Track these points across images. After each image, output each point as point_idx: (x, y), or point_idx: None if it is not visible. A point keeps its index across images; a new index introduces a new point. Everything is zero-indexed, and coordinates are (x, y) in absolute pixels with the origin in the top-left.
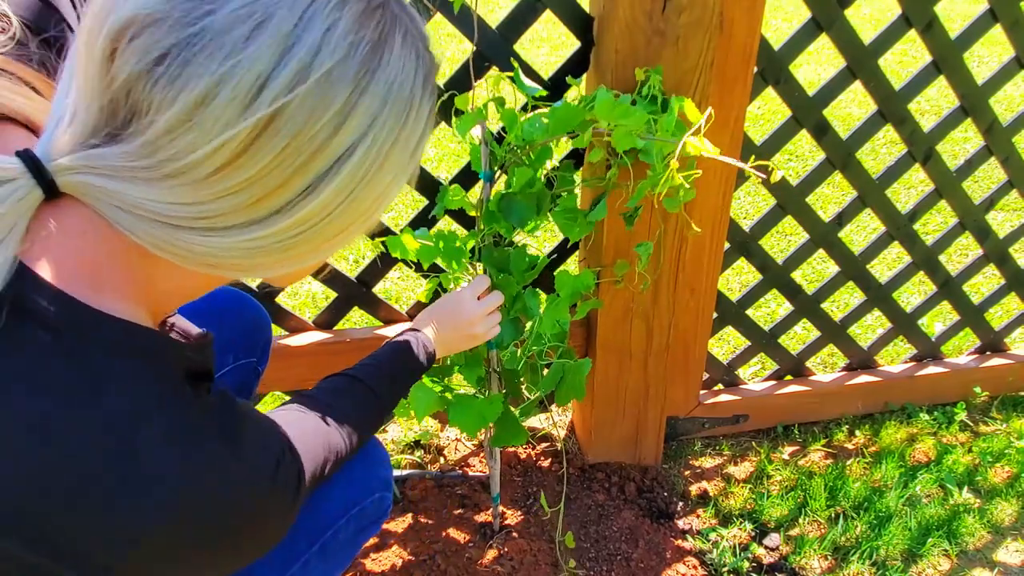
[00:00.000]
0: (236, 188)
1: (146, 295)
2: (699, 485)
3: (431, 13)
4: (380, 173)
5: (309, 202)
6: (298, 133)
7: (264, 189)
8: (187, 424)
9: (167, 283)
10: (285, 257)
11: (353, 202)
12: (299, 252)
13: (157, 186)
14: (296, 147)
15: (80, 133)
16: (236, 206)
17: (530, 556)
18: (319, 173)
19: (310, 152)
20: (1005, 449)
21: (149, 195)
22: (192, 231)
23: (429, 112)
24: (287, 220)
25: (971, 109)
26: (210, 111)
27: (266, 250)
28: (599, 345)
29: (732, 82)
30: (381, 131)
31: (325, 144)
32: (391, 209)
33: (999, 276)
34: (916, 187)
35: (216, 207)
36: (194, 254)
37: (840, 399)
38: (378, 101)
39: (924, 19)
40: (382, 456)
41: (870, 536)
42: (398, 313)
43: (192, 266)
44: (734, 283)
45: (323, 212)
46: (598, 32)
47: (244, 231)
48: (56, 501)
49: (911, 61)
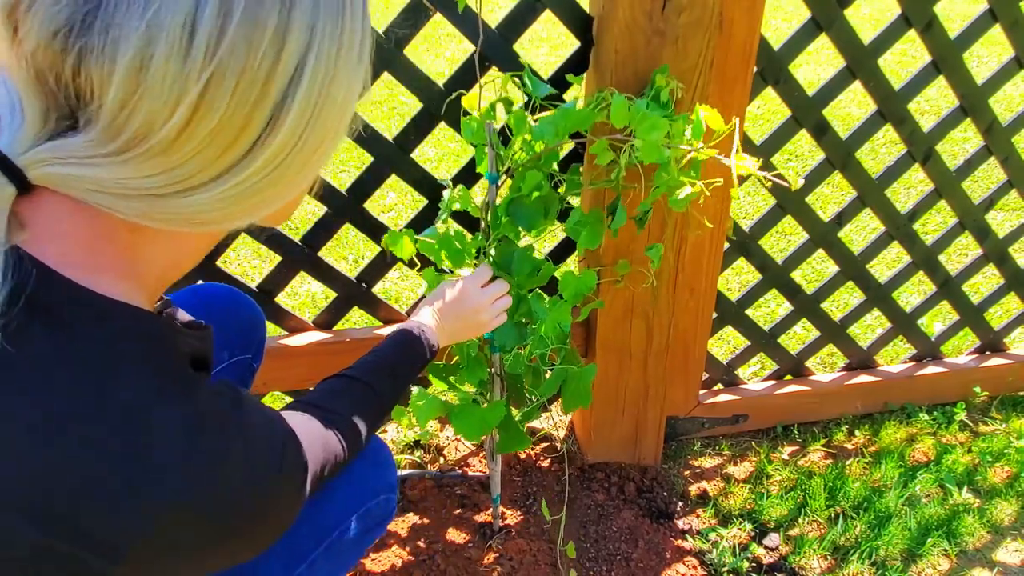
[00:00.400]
0: (203, 143)
1: (142, 272)
2: (699, 485)
3: (431, 13)
4: (336, 83)
5: (277, 132)
6: (244, 67)
7: (230, 135)
8: (196, 413)
9: (162, 253)
10: (275, 191)
11: (319, 118)
12: (286, 181)
13: (128, 165)
14: (247, 82)
15: (33, 122)
16: (208, 160)
17: (529, 556)
18: (276, 101)
19: (261, 82)
20: (1004, 449)
21: (123, 174)
22: (173, 196)
23: (363, 7)
24: (262, 157)
25: (971, 109)
26: (152, 74)
27: (253, 190)
28: (599, 345)
29: (732, 82)
30: (323, 40)
31: (273, 69)
32: (391, 208)
33: (999, 276)
34: (916, 187)
35: (189, 167)
36: (182, 216)
37: (840, 399)
38: (308, 14)
39: (924, 19)
40: (387, 458)
41: (870, 536)
42: (398, 313)
43: (185, 228)
44: (733, 283)
45: (293, 137)
46: (598, 32)
47: (223, 180)
48: (62, 500)
49: (910, 61)
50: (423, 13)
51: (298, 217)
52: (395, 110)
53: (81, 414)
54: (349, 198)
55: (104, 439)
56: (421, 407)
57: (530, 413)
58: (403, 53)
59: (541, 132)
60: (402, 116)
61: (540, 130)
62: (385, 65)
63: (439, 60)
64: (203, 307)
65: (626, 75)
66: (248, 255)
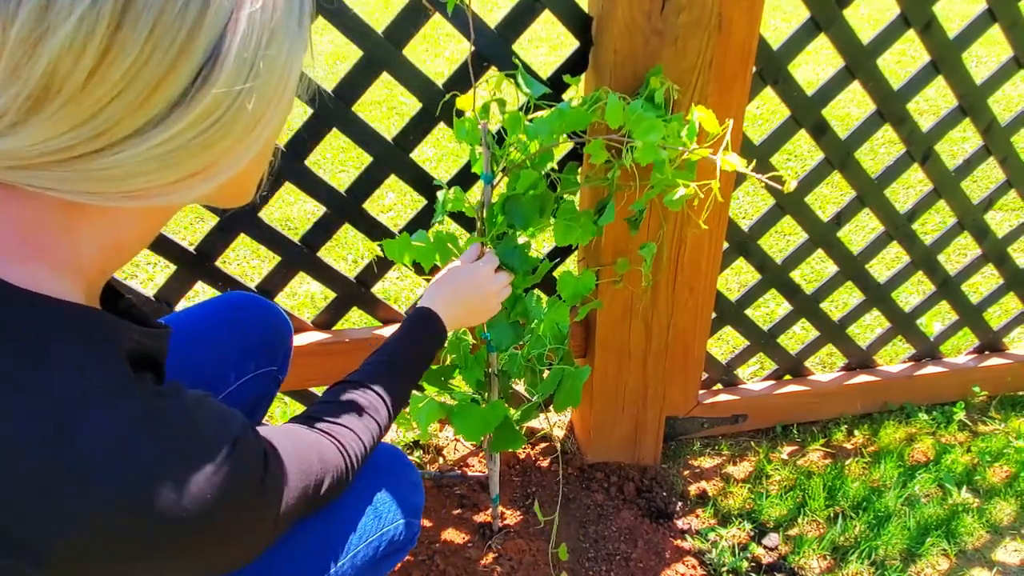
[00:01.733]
0: (117, 88)
1: (81, 259)
2: (698, 485)
3: (431, 13)
4: (274, 45)
5: (208, 88)
6: (163, 11)
7: (148, 81)
8: (128, 416)
9: (102, 235)
10: (210, 156)
11: (257, 78)
12: (225, 147)
13: (38, 124)
14: (165, 26)
15: None
16: (127, 108)
17: (529, 556)
18: (205, 54)
19: (186, 31)
20: (1004, 449)
21: (36, 138)
22: (96, 155)
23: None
24: (192, 113)
25: (970, 109)
26: (56, 9)
27: (186, 151)
28: (598, 345)
29: (731, 82)
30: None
31: (199, 20)
32: (390, 209)
33: (998, 276)
34: (915, 187)
35: (106, 116)
36: (110, 182)
37: (839, 399)
38: None
39: (923, 19)
40: (413, 480)
41: (869, 536)
42: (397, 313)
43: (118, 200)
44: (733, 283)
45: (228, 96)
46: (597, 32)
47: (147, 136)
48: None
49: (910, 61)
50: (422, 13)
51: (297, 217)
52: (394, 110)
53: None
54: (348, 198)
55: (25, 440)
56: (421, 410)
57: (528, 413)
58: (402, 53)
59: (536, 131)
60: (401, 116)
61: (535, 129)
62: (384, 65)
63: (439, 60)
64: (229, 317)
65: (625, 75)
66: (247, 255)
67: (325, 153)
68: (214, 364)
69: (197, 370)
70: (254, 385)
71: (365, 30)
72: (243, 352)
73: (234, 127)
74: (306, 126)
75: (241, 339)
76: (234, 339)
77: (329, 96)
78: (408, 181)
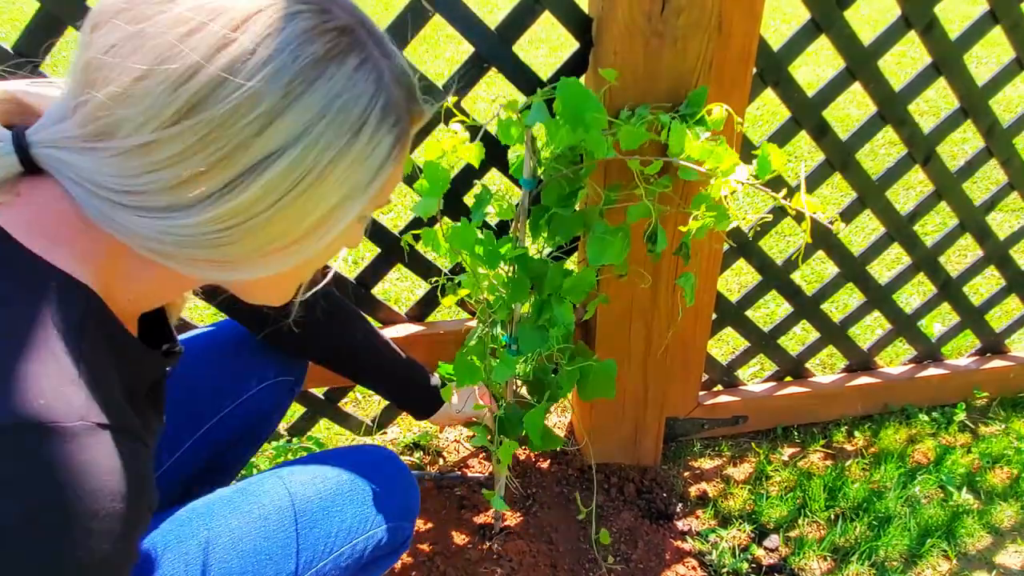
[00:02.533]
0: (159, 165)
1: (106, 275)
2: (698, 486)
3: (431, 13)
4: (318, 187)
5: (234, 197)
6: (221, 123)
7: (186, 171)
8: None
9: (131, 270)
10: (220, 255)
11: (284, 210)
12: (234, 253)
13: (95, 157)
14: (219, 136)
15: (60, 111)
16: (161, 185)
17: (529, 557)
18: (244, 169)
19: (233, 145)
20: (1005, 450)
21: (90, 166)
22: (126, 209)
23: (391, 145)
24: (212, 211)
25: (971, 110)
26: (143, 87)
27: (198, 242)
28: (598, 346)
29: (731, 83)
30: (316, 143)
31: (249, 141)
32: (390, 209)
33: (999, 278)
34: (916, 188)
35: (142, 182)
36: (134, 234)
37: (840, 400)
38: (312, 113)
39: (924, 20)
40: (407, 481)
41: (870, 537)
42: (397, 314)
43: (139, 249)
44: (733, 284)
45: (247, 212)
46: (597, 33)
47: (173, 215)
48: None
49: (910, 62)
50: (422, 14)
51: None
52: None
53: None
54: None
55: None
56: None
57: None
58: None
59: (594, 143)
60: None
61: (593, 141)
62: None
63: (439, 61)
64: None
65: (625, 76)
66: None
67: None
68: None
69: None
70: (269, 392)
71: None
72: (261, 361)
73: (248, 239)
74: None
75: (260, 347)
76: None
77: None
78: (408, 182)
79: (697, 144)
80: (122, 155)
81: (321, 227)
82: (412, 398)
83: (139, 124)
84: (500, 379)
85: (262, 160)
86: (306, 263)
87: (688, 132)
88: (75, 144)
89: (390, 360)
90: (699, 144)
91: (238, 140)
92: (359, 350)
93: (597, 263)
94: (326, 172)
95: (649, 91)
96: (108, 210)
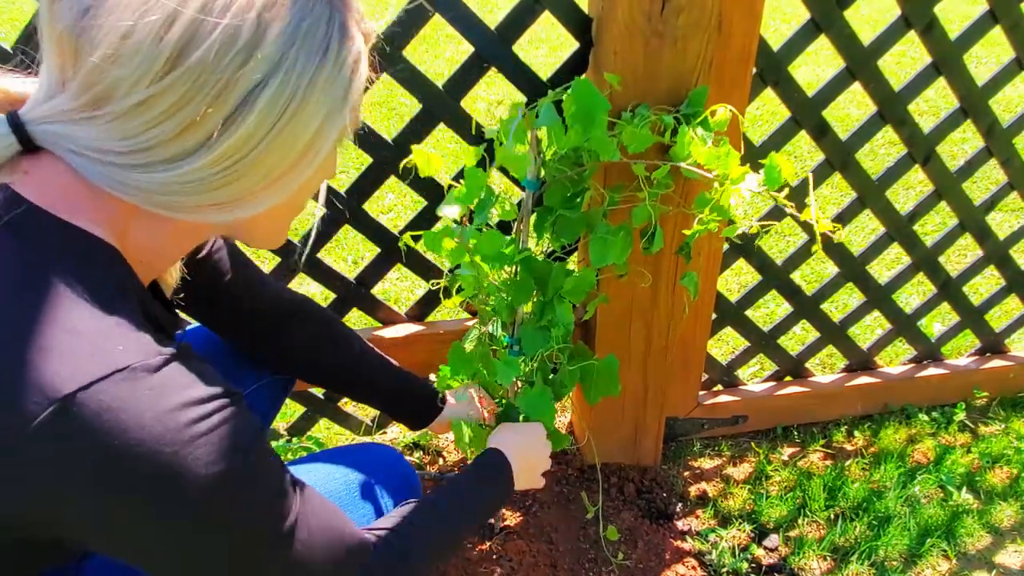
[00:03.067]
0: (159, 119)
1: (122, 237)
2: (698, 486)
3: (431, 13)
4: (303, 112)
5: (230, 135)
6: (209, 64)
7: (184, 120)
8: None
9: (142, 229)
10: (225, 195)
11: (277, 138)
12: (238, 191)
13: (95, 125)
14: (208, 77)
15: (47, 88)
16: (162, 138)
17: (529, 557)
18: (234, 105)
19: (223, 83)
20: (1004, 450)
21: (90, 134)
22: (133, 169)
23: (354, 60)
24: (213, 153)
25: (971, 110)
26: (132, 44)
27: (204, 185)
28: (598, 346)
29: (731, 83)
30: (293, 68)
31: (236, 76)
32: (390, 209)
33: (999, 277)
34: (916, 188)
35: (145, 139)
36: (142, 191)
37: (839, 400)
38: (284, 40)
39: (924, 20)
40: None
41: (869, 537)
42: (397, 314)
43: (149, 206)
44: (733, 283)
45: (247, 146)
46: (597, 33)
47: (179, 164)
48: None
49: (910, 62)
50: (422, 13)
51: (297, 217)
52: (394, 111)
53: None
54: (348, 199)
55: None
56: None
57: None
58: (402, 53)
59: (602, 145)
60: (401, 117)
61: (601, 144)
62: (384, 66)
63: (439, 61)
64: None
65: (625, 77)
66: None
67: None
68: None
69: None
70: (267, 390)
71: None
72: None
73: (252, 170)
74: None
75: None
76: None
77: None
78: (408, 182)
79: (704, 150)
80: (122, 117)
81: (310, 150)
82: (407, 409)
83: (134, 82)
84: (506, 381)
85: (250, 92)
86: (299, 190)
87: (694, 136)
88: (73, 116)
89: (381, 375)
90: (706, 150)
91: (226, 77)
92: (346, 370)
93: (600, 264)
94: (307, 95)
95: (649, 91)
96: (114, 173)
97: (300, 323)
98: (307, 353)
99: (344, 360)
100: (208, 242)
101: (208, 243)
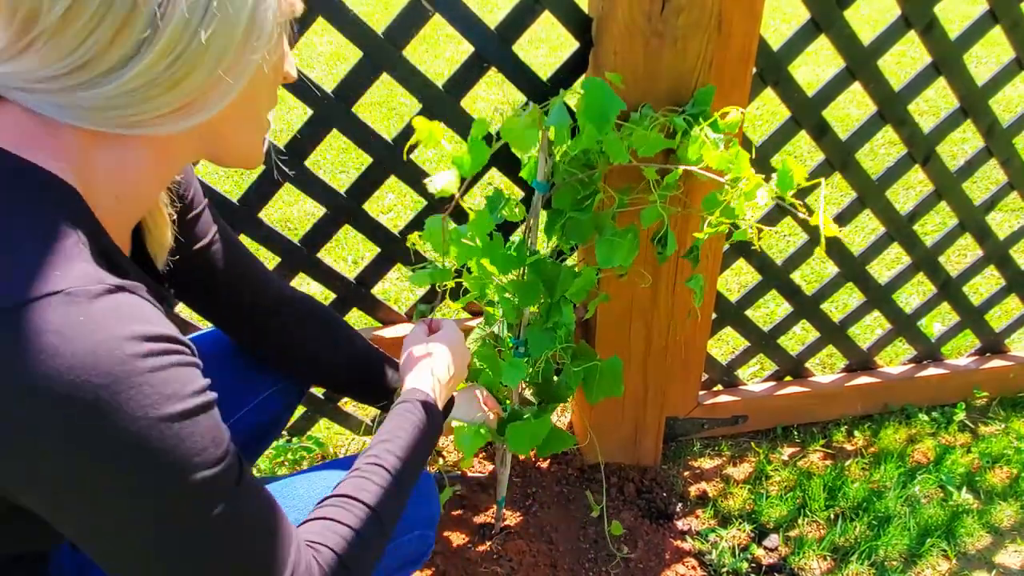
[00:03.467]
0: (90, 26)
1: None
2: (698, 486)
3: (431, 13)
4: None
5: (166, 24)
6: None
7: (115, 21)
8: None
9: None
10: (181, 95)
11: (214, 21)
12: (191, 87)
13: (33, 53)
14: None
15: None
16: (99, 47)
17: (529, 557)
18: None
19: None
20: (1004, 450)
21: (32, 65)
22: (79, 87)
23: None
24: (153, 49)
25: (971, 110)
26: None
27: (160, 84)
28: (598, 346)
29: (731, 83)
30: None
31: None
32: (390, 209)
33: (999, 277)
34: (916, 188)
35: (83, 52)
36: (97, 110)
37: (839, 400)
38: None
39: (924, 20)
40: (428, 489)
41: (869, 537)
42: (396, 314)
43: (107, 127)
44: (733, 283)
45: (185, 33)
46: (597, 33)
47: (120, 73)
48: None
49: (909, 62)
50: (422, 13)
51: (297, 218)
52: (394, 111)
53: None
54: (348, 199)
55: None
56: (466, 442)
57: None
58: (402, 53)
59: (613, 148)
60: (401, 116)
61: (613, 146)
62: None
63: (439, 61)
64: None
65: (625, 77)
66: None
67: (325, 154)
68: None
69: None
70: (278, 397)
71: (365, 30)
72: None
73: (198, 64)
74: (306, 127)
75: None
76: None
77: (329, 97)
78: (408, 182)
79: (716, 154)
80: (52, 38)
81: (252, 31)
82: None
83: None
84: (511, 382)
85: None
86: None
87: (706, 139)
88: (11, 52)
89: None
90: (718, 154)
91: None
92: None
93: (607, 265)
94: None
95: (649, 91)
96: (65, 99)
97: (301, 320)
98: (308, 350)
99: (345, 359)
100: (206, 234)
101: (206, 235)
